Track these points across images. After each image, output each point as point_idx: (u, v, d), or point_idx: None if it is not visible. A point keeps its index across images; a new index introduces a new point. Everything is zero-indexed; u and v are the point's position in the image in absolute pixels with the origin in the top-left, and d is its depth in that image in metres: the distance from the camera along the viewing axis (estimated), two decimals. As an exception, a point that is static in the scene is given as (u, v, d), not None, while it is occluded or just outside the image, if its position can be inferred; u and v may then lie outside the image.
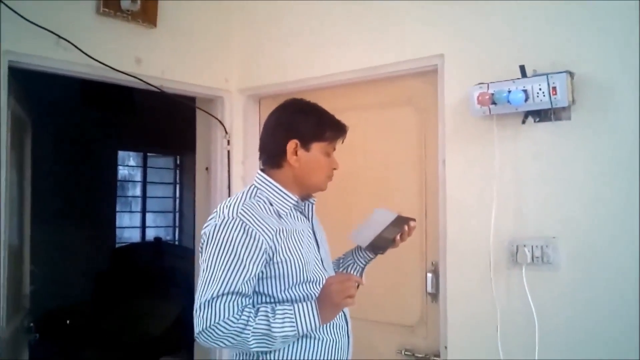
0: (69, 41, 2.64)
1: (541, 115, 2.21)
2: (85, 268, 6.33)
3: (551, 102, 2.10)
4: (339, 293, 1.66)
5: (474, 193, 2.39)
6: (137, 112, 6.40)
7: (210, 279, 1.65)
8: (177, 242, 8.54)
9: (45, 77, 2.74)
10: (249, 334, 1.62)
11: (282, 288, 1.73)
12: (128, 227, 8.23)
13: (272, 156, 1.83)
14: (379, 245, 1.93)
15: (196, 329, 1.64)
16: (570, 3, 2.19)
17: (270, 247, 1.68)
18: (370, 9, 2.77)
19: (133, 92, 5.51)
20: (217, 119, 3.38)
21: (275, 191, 1.80)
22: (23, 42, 2.53)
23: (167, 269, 6.34)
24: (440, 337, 2.52)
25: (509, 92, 2.16)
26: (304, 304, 1.67)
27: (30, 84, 3.06)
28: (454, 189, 2.48)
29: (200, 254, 1.74)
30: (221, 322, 1.61)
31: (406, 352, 2.67)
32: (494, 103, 2.21)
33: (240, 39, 3.36)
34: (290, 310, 1.66)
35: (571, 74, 2.12)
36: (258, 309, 1.66)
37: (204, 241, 1.72)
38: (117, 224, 7.69)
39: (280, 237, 1.70)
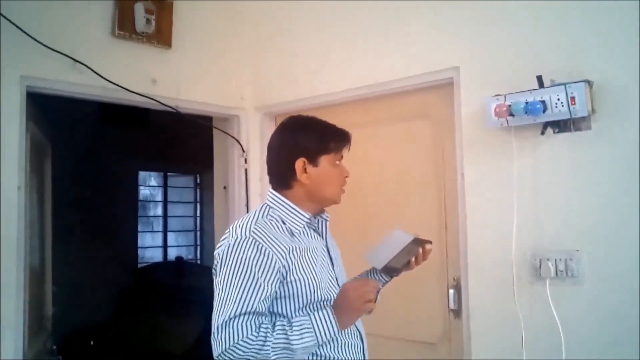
0: (84, 64, 2.67)
1: (560, 125, 2.17)
2: (107, 289, 6.35)
3: (570, 112, 2.06)
4: (357, 299, 1.64)
5: (494, 206, 2.35)
6: (157, 132, 6.44)
7: (226, 299, 1.62)
8: (198, 261, 8.55)
9: (64, 99, 2.77)
10: (268, 350, 1.59)
11: (296, 307, 1.69)
12: (150, 246, 8.26)
13: (281, 177, 1.81)
14: (393, 268, 1.89)
15: (215, 352, 1.61)
16: (586, 11, 2.16)
17: (284, 266, 1.65)
18: (384, 23, 2.76)
19: (152, 112, 5.54)
20: (233, 137, 3.38)
21: (288, 209, 1.77)
22: (40, 66, 2.56)
23: (189, 288, 6.33)
24: (464, 355, 2.48)
25: (527, 103, 2.12)
26: (321, 313, 1.64)
27: (49, 107, 3.09)
28: (473, 202, 2.44)
29: (214, 276, 1.72)
30: (240, 342, 1.58)
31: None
32: (511, 115, 2.17)
33: (255, 57, 3.37)
34: (307, 320, 1.63)
35: (590, 83, 2.08)
36: (274, 323, 1.63)
37: (218, 262, 1.70)
38: (139, 244, 7.72)
39: (294, 255, 1.68)
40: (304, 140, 1.80)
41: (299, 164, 1.76)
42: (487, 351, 2.38)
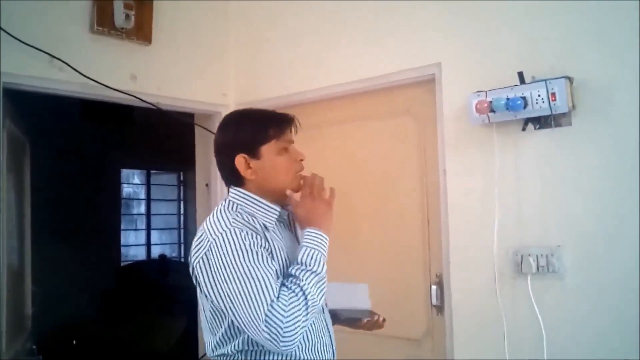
0: (63, 61, 2.63)
1: (541, 121, 2.17)
2: (89, 287, 6.30)
3: (551, 108, 2.06)
4: (314, 202, 1.69)
5: (476, 202, 2.36)
6: (139, 130, 6.39)
7: (250, 294, 1.52)
8: (182, 259, 8.52)
9: (42, 96, 2.72)
10: (312, 295, 1.54)
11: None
12: (133, 245, 8.21)
13: (230, 177, 1.73)
14: (338, 316, 1.85)
15: (278, 343, 1.50)
16: (567, 8, 2.16)
17: (266, 248, 1.61)
18: (366, 19, 2.75)
19: (133, 110, 5.50)
20: (215, 134, 3.35)
21: (256, 203, 1.69)
22: (17, 63, 2.52)
23: (172, 287, 6.32)
24: (447, 350, 2.48)
25: (508, 99, 2.12)
26: (305, 239, 1.63)
27: (27, 104, 3.04)
28: (455, 198, 2.44)
29: (201, 284, 1.61)
30: (290, 313, 1.50)
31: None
32: (492, 111, 2.17)
33: (237, 53, 3.34)
34: (304, 249, 1.61)
35: (570, 79, 2.08)
36: (288, 277, 1.58)
37: (207, 269, 1.58)
38: (122, 242, 7.67)
39: (269, 239, 1.63)
40: (241, 135, 1.71)
41: (239, 160, 1.68)
42: (470, 347, 2.39)
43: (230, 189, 1.73)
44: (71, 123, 6.00)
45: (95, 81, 2.73)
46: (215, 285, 1.56)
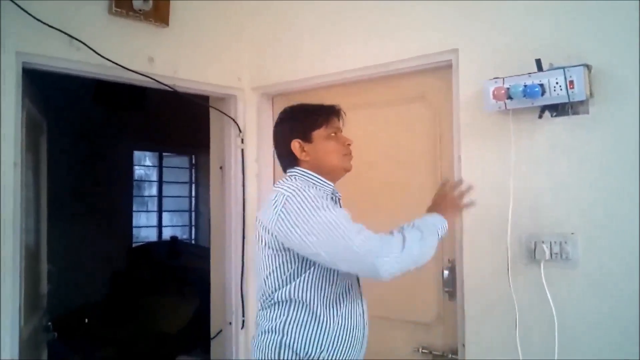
0: (81, 41, 2.64)
1: (558, 109, 2.17)
2: (102, 267, 6.37)
3: (568, 96, 2.06)
4: (453, 199, 2.09)
5: (490, 189, 2.36)
6: (152, 112, 6.42)
7: (335, 222, 1.76)
8: (193, 241, 8.57)
9: (59, 77, 2.75)
10: (408, 239, 1.79)
11: None
12: (145, 226, 8.27)
13: (287, 160, 2.05)
14: None
15: (395, 265, 1.74)
16: (586, -6, 2.15)
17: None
18: (383, 4, 2.74)
19: (147, 92, 5.52)
20: (230, 117, 3.37)
21: (314, 179, 1.99)
22: (36, 43, 2.54)
23: (183, 268, 6.36)
24: (458, 335, 2.50)
25: (525, 86, 2.12)
26: (425, 216, 1.99)
27: (45, 85, 3.07)
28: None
29: (281, 235, 1.84)
30: (383, 239, 1.77)
31: (423, 350, 2.65)
32: (509, 97, 2.17)
33: (253, 37, 3.35)
34: (421, 218, 1.96)
35: (588, 67, 2.07)
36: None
37: (287, 218, 1.81)
38: (134, 223, 7.73)
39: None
40: (295, 124, 2.05)
41: (295, 145, 2.00)
42: (481, 332, 2.40)
43: (289, 170, 2.03)
44: (86, 105, 6.05)
45: (114, 62, 2.75)
46: (299, 228, 1.79)
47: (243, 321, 3.33)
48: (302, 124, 2.02)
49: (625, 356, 2.04)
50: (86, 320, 5.49)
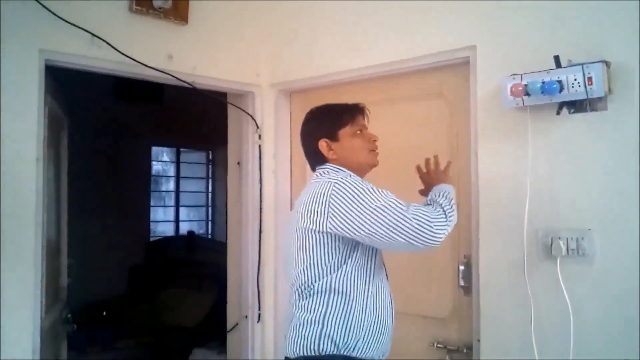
0: (102, 39, 2.69)
1: (576, 106, 2.16)
2: (120, 261, 6.45)
3: (587, 93, 2.05)
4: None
5: (507, 185, 2.36)
6: (170, 109, 6.48)
7: (386, 202, 1.87)
8: (210, 236, 8.63)
9: (80, 74, 2.79)
10: (444, 204, 1.92)
11: None
12: (162, 221, 8.34)
13: (316, 159, 2.12)
14: None
15: (430, 231, 1.81)
16: (605, -9, 2.15)
17: None
18: (401, 1, 2.75)
19: (166, 89, 5.57)
20: (248, 113, 3.40)
21: (346, 174, 2.02)
22: (58, 40, 2.58)
23: (200, 262, 6.42)
24: (473, 330, 2.51)
25: (543, 82, 2.12)
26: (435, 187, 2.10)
27: (66, 81, 3.12)
28: (486, 181, 2.45)
29: (327, 223, 1.90)
30: (431, 209, 1.88)
31: (438, 345, 2.67)
32: (527, 94, 2.17)
33: (271, 33, 3.37)
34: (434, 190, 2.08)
35: (607, 64, 2.07)
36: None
37: (336, 204, 1.87)
38: (152, 218, 7.80)
39: None
40: (321, 124, 2.12)
41: (322, 144, 2.08)
42: (496, 328, 2.41)
43: (319, 167, 2.10)
44: (105, 101, 6.12)
45: (134, 59, 2.78)
46: (354, 210, 1.85)
47: (259, 314, 3.36)
48: (328, 123, 2.09)
49: (641, 352, 2.04)
50: (104, 313, 5.57)
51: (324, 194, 1.90)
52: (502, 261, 2.39)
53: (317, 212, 1.90)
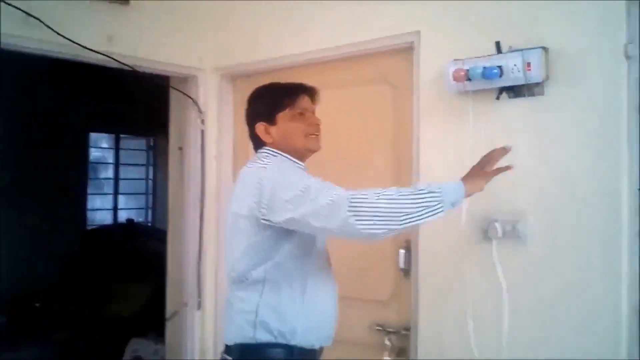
0: (37, 18, 2.58)
1: (515, 91, 2.22)
2: (53, 251, 6.26)
3: (525, 78, 2.12)
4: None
5: (448, 169, 2.39)
6: (109, 93, 6.30)
7: (317, 185, 1.76)
8: (150, 224, 8.49)
9: (13, 55, 2.67)
10: (398, 192, 1.70)
11: None
12: (100, 209, 8.15)
13: (256, 142, 2.08)
14: None
15: (362, 222, 1.64)
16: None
17: None
18: (345, -14, 2.76)
19: (105, 73, 5.42)
20: (191, 98, 3.35)
21: (286, 158, 2.01)
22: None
23: (139, 251, 6.31)
24: (412, 312, 2.55)
25: (484, 68, 2.17)
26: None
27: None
28: (427, 165, 2.49)
29: (258, 208, 1.84)
30: (360, 192, 1.68)
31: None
32: (469, 79, 2.22)
33: (215, 17, 3.32)
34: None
35: (546, 50, 2.13)
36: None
37: (263, 189, 1.81)
38: (89, 206, 7.60)
39: None
40: (259, 105, 2.08)
41: (259, 128, 2.03)
42: (435, 309, 2.46)
43: (259, 150, 2.05)
44: (40, 84, 5.90)
45: (72, 41, 2.69)
46: (277, 191, 1.78)
47: (199, 302, 3.33)
48: (266, 106, 2.04)
49: (573, 333, 2.11)
50: (37, 304, 5.40)
51: (251, 182, 1.86)
52: (441, 244, 2.44)
53: (246, 199, 1.87)
